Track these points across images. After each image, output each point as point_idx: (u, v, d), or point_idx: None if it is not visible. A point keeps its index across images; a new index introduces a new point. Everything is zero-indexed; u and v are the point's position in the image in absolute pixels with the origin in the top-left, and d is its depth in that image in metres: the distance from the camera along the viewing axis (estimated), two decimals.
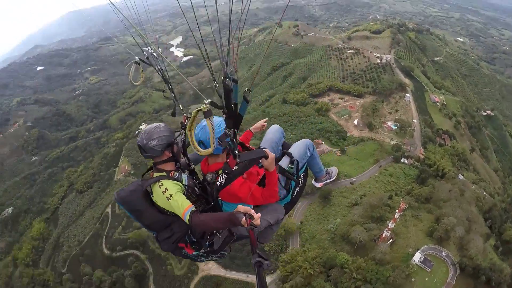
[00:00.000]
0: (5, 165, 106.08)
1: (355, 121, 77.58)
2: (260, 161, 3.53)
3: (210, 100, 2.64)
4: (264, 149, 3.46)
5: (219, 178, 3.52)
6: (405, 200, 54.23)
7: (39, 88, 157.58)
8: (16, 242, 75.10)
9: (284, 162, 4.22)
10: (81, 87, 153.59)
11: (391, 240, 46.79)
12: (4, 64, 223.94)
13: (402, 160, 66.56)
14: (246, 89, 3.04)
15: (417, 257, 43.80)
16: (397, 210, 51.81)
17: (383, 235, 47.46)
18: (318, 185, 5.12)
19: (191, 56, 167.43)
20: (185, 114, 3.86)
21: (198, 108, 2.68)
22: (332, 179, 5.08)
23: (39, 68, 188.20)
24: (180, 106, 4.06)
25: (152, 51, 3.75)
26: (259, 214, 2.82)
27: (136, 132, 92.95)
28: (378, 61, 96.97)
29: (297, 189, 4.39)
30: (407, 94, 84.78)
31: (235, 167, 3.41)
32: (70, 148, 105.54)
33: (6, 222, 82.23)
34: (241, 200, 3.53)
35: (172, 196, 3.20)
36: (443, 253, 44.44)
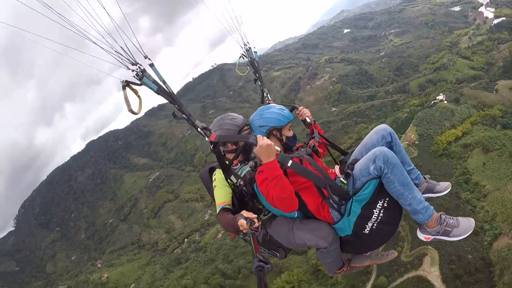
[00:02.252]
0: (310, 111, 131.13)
1: None
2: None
3: (126, 80, 2.77)
4: (256, 135, 2.95)
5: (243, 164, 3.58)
6: None
7: (345, 49, 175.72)
8: None
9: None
10: (384, 49, 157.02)
11: None
12: (315, 28, 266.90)
13: None
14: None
15: None
16: None
17: None
18: (422, 237, 3.11)
19: (503, 18, 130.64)
20: (265, 93, 4.34)
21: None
22: (454, 238, 2.97)
23: (345, 30, 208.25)
24: (265, 89, 4.37)
25: (247, 46, 4.32)
26: (257, 221, 2.77)
27: (432, 102, 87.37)
28: None
29: (369, 224, 3.01)
30: None
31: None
32: (366, 105, 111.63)
33: None
34: (262, 195, 3.10)
35: (216, 187, 3.35)
36: None
